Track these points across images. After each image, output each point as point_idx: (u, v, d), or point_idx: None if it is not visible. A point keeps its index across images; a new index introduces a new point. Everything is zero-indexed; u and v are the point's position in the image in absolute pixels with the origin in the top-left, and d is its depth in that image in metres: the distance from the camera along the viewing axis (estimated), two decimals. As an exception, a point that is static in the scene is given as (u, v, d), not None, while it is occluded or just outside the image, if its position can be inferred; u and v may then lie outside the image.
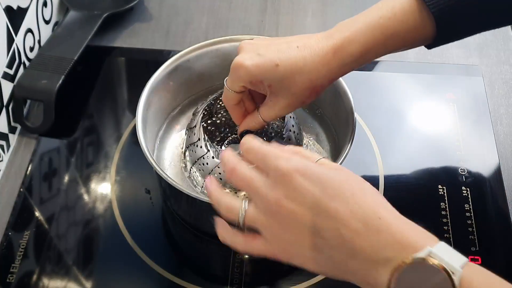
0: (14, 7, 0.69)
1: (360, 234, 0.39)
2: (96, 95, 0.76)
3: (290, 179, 0.42)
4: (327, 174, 0.42)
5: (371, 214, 0.40)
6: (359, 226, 0.39)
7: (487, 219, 0.63)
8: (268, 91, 0.53)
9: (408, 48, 0.53)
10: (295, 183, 0.41)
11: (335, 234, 0.40)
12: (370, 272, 0.39)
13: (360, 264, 0.39)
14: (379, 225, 0.39)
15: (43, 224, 0.64)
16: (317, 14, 0.86)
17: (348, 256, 0.39)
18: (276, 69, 0.50)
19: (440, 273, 0.35)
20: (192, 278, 0.60)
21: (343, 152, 0.56)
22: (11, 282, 0.59)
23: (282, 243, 0.42)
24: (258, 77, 0.51)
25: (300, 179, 0.41)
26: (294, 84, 0.51)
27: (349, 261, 0.39)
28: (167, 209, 0.65)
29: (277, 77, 0.51)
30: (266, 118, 0.55)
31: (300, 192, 0.41)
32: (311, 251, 0.41)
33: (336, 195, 0.40)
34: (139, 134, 0.57)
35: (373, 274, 0.38)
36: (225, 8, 0.87)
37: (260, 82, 0.52)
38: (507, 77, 0.78)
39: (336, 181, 0.41)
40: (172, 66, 0.64)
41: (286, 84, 0.51)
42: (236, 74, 0.52)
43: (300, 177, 0.41)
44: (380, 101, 0.75)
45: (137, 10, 0.86)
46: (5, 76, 0.68)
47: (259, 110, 0.55)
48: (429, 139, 0.71)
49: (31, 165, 0.68)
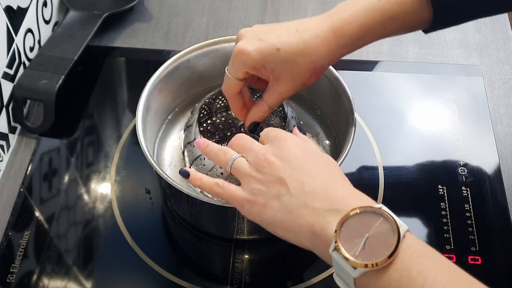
0: (14, 7, 0.69)
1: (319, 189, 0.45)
2: (96, 95, 0.76)
3: (283, 142, 0.49)
4: (312, 149, 0.50)
5: (335, 181, 0.46)
6: (321, 183, 0.45)
7: (487, 219, 0.63)
8: (271, 76, 0.54)
9: (406, 32, 0.55)
10: (285, 145, 0.48)
11: (298, 184, 0.46)
12: (318, 219, 0.43)
13: (311, 212, 0.44)
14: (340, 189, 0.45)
15: (43, 224, 0.64)
16: (317, 14, 0.86)
17: (302, 205, 0.44)
18: (278, 53, 0.52)
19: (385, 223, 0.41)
20: (192, 278, 0.60)
21: (343, 152, 0.56)
22: (11, 282, 0.59)
23: (253, 191, 0.47)
24: (261, 62, 0.53)
25: (290, 143, 0.48)
26: (296, 67, 0.52)
27: (301, 209, 0.44)
28: (167, 209, 0.65)
29: (279, 61, 0.52)
30: (271, 104, 0.57)
31: (286, 152, 0.48)
32: (272, 199, 0.46)
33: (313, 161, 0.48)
34: (139, 134, 0.57)
35: (321, 221, 0.43)
36: (225, 8, 0.87)
37: (262, 67, 0.53)
38: (507, 77, 0.78)
39: (317, 155, 0.49)
40: (172, 66, 0.64)
41: (288, 67, 0.53)
42: (239, 60, 0.53)
43: (290, 142, 0.48)
44: (380, 101, 0.75)
45: (137, 10, 0.86)
46: (5, 76, 0.68)
47: (263, 98, 0.57)
48: (429, 139, 0.71)
49: (31, 165, 0.68)
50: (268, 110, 0.57)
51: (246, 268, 0.60)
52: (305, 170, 0.46)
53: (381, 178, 0.67)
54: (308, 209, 0.44)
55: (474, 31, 0.84)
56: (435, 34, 0.83)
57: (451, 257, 0.60)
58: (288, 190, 0.45)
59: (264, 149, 0.49)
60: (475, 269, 0.59)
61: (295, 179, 0.46)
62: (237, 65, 0.54)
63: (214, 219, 0.62)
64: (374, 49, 0.81)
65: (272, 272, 0.61)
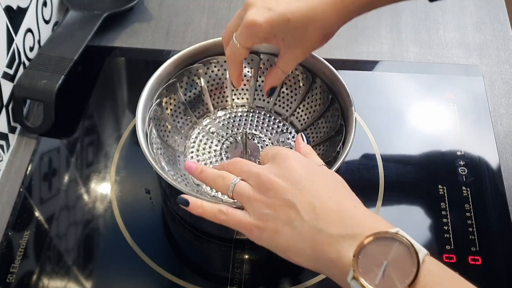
0: (14, 7, 0.69)
1: (332, 213, 0.43)
2: (96, 95, 0.76)
3: (285, 160, 0.47)
4: (315, 166, 0.49)
5: (347, 202, 0.44)
6: (334, 207, 0.43)
7: (487, 219, 0.63)
8: (282, 44, 0.55)
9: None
10: (288, 164, 0.47)
11: (309, 208, 0.44)
12: (334, 246, 0.41)
13: (326, 238, 0.42)
14: (353, 210, 0.43)
15: (43, 224, 0.64)
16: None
17: (316, 231, 0.42)
18: (288, 23, 0.52)
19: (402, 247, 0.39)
20: (192, 278, 0.60)
21: (343, 152, 0.56)
22: (11, 282, 0.59)
23: (260, 216, 0.45)
24: (272, 33, 0.53)
25: (293, 162, 0.47)
26: (307, 34, 0.53)
27: (316, 235, 0.42)
28: (167, 209, 0.65)
29: (290, 31, 0.53)
30: (285, 69, 0.58)
31: (289, 172, 0.46)
32: (283, 225, 0.44)
33: (319, 180, 0.46)
34: (139, 134, 0.57)
35: (337, 248, 0.41)
36: (225, 8, 0.87)
37: (273, 37, 0.54)
38: (507, 77, 0.78)
39: (323, 172, 0.47)
40: (172, 66, 0.64)
41: (299, 35, 0.53)
42: (249, 32, 0.53)
43: (293, 160, 0.47)
44: (380, 101, 0.75)
45: (137, 10, 0.86)
46: (5, 76, 0.68)
47: (278, 65, 0.58)
48: (429, 139, 0.71)
49: (31, 165, 0.68)
50: (283, 75, 0.59)
51: (246, 268, 0.60)
52: (314, 191, 0.44)
53: (381, 178, 0.67)
54: (323, 235, 0.42)
55: (474, 31, 0.84)
56: (435, 34, 0.83)
57: (451, 257, 0.60)
58: (299, 214, 0.44)
59: (265, 169, 0.47)
60: (475, 269, 0.59)
61: (305, 202, 0.44)
62: (247, 36, 0.53)
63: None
64: (374, 49, 0.81)
65: (272, 272, 0.61)
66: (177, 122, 0.66)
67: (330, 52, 0.81)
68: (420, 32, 0.84)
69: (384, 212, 0.64)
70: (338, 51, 0.81)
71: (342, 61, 0.79)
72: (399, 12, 0.86)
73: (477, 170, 0.68)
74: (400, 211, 0.65)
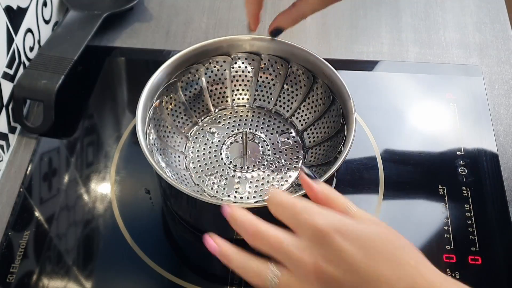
0: (14, 7, 0.69)
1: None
2: (96, 95, 0.76)
3: (329, 239, 0.37)
4: (367, 232, 0.38)
5: (418, 278, 0.36)
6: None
7: (487, 219, 0.63)
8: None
9: None
10: (335, 245, 0.37)
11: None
12: None
13: None
14: None
15: (43, 224, 0.64)
16: (317, 14, 0.86)
17: None
18: None
19: None
20: (192, 278, 0.60)
21: (344, 152, 0.56)
22: (11, 282, 0.59)
23: None
24: None
25: (339, 239, 0.37)
26: None
27: None
28: (167, 209, 0.65)
29: None
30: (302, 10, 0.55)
31: (340, 255, 0.37)
32: None
33: (379, 256, 0.37)
34: (139, 134, 0.57)
35: None
36: (225, 8, 0.87)
37: None
38: (507, 77, 0.78)
39: (378, 241, 0.38)
40: (172, 66, 0.64)
41: None
42: None
43: (339, 237, 0.37)
44: (380, 101, 0.75)
45: (137, 10, 0.86)
46: (5, 76, 0.68)
47: (296, 4, 0.55)
48: (429, 139, 0.71)
49: (31, 165, 0.68)
50: (296, 17, 0.56)
51: (246, 268, 0.60)
52: (376, 276, 0.36)
53: (381, 178, 0.67)
54: None
55: (474, 31, 0.84)
56: (435, 34, 0.83)
57: (451, 257, 0.60)
58: None
59: (308, 255, 0.38)
60: (475, 269, 0.59)
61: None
62: None
63: (214, 219, 0.61)
64: (374, 49, 0.81)
65: (272, 272, 0.61)
66: (177, 122, 0.66)
67: (330, 52, 0.81)
68: (420, 32, 0.84)
69: (384, 212, 0.65)
70: (338, 51, 0.81)
71: (342, 61, 0.79)
72: (399, 12, 0.86)
73: (477, 170, 0.68)
74: (400, 211, 0.65)
